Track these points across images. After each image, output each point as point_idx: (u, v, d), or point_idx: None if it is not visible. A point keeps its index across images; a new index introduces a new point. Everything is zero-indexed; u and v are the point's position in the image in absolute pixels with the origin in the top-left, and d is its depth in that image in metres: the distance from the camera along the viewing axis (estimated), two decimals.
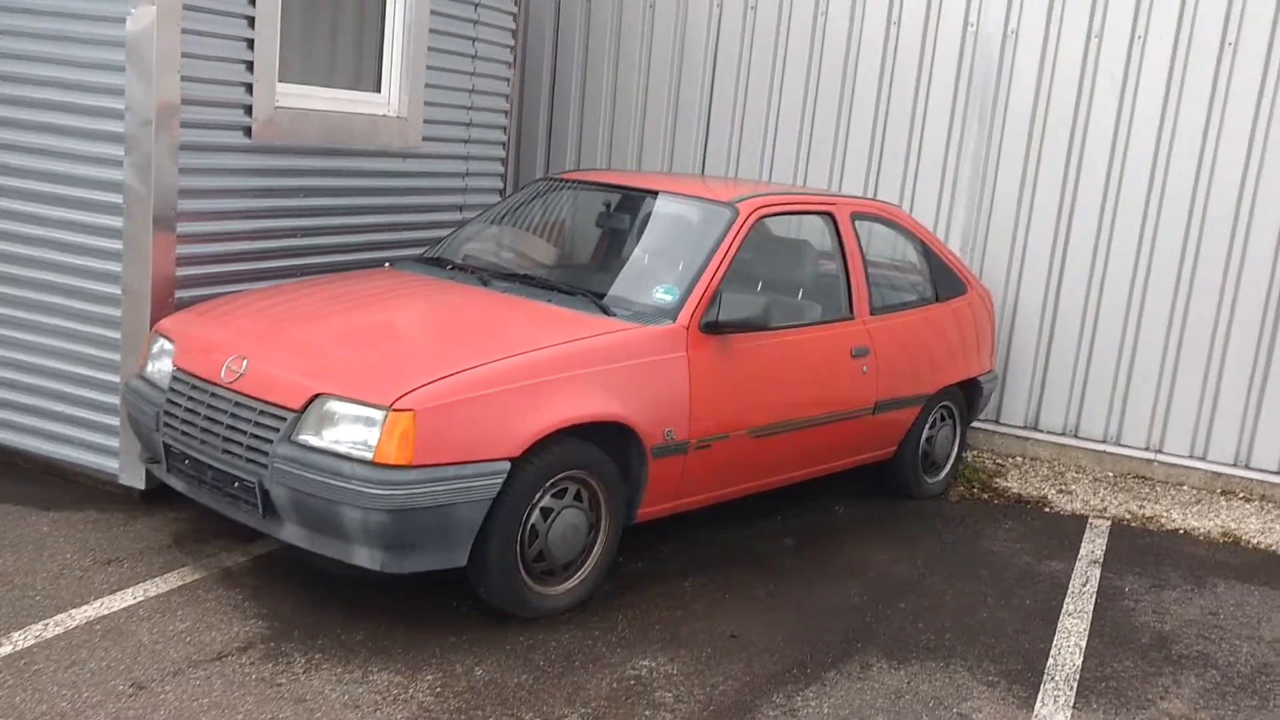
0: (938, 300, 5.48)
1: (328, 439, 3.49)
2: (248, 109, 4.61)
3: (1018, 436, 6.38)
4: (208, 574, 3.97)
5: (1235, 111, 5.74)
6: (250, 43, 4.56)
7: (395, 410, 3.41)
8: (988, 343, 5.81)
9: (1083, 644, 4.06)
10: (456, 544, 3.55)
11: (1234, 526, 5.49)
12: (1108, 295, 6.08)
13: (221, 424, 3.71)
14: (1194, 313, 5.93)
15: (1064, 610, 4.34)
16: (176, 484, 3.97)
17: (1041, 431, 6.33)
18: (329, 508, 3.44)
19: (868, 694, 3.56)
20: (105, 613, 3.61)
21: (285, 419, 3.56)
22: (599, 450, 3.87)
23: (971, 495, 5.68)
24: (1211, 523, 5.53)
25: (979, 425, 6.35)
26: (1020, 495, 5.71)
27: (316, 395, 3.54)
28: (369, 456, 3.41)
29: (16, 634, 3.43)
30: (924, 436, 5.44)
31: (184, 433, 3.83)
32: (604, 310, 4.20)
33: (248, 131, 4.64)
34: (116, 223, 4.34)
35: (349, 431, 3.47)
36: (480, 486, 3.49)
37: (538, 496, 3.71)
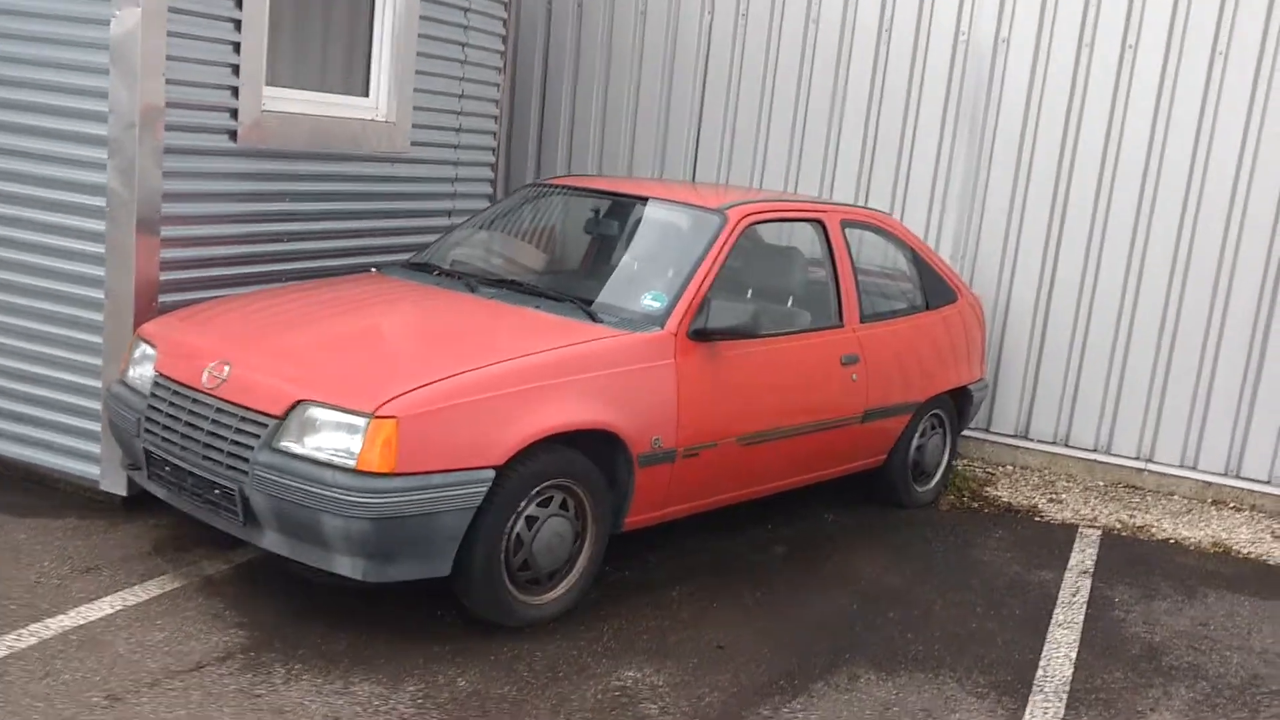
0: (928, 308, 5.45)
1: (310, 446, 3.45)
2: (233, 112, 4.58)
3: (1008, 445, 6.35)
4: (188, 582, 3.92)
5: (1225, 120, 5.73)
6: (236, 46, 4.52)
7: (378, 417, 3.37)
8: (978, 351, 5.79)
9: (1073, 655, 4.03)
10: (440, 553, 3.50)
11: (1224, 536, 5.47)
12: (1098, 304, 6.07)
13: (203, 430, 3.66)
14: (1185, 322, 5.92)
15: (1054, 621, 4.31)
16: (157, 490, 3.93)
17: (1032, 440, 6.31)
18: (310, 515, 3.40)
19: (855, 706, 3.52)
20: (82, 622, 3.55)
21: (267, 425, 3.52)
22: (585, 458, 3.83)
23: (962, 504, 5.65)
24: (1202, 533, 5.50)
25: (969, 434, 6.32)
26: (1010, 504, 5.68)
27: (299, 401, 3.50)
28: (351, 464, 3.37)
29: None
30: (914, 445, 5.41)
31: (165, 439, 3.79)
32: (591, 317, 4.16)
33: (233, 135, 4.60)
34: (99, 226, 4.30)
35: (331, 438, 3.43)
36: (464, 495, 3.45)
37: (523, 505, 3.67)
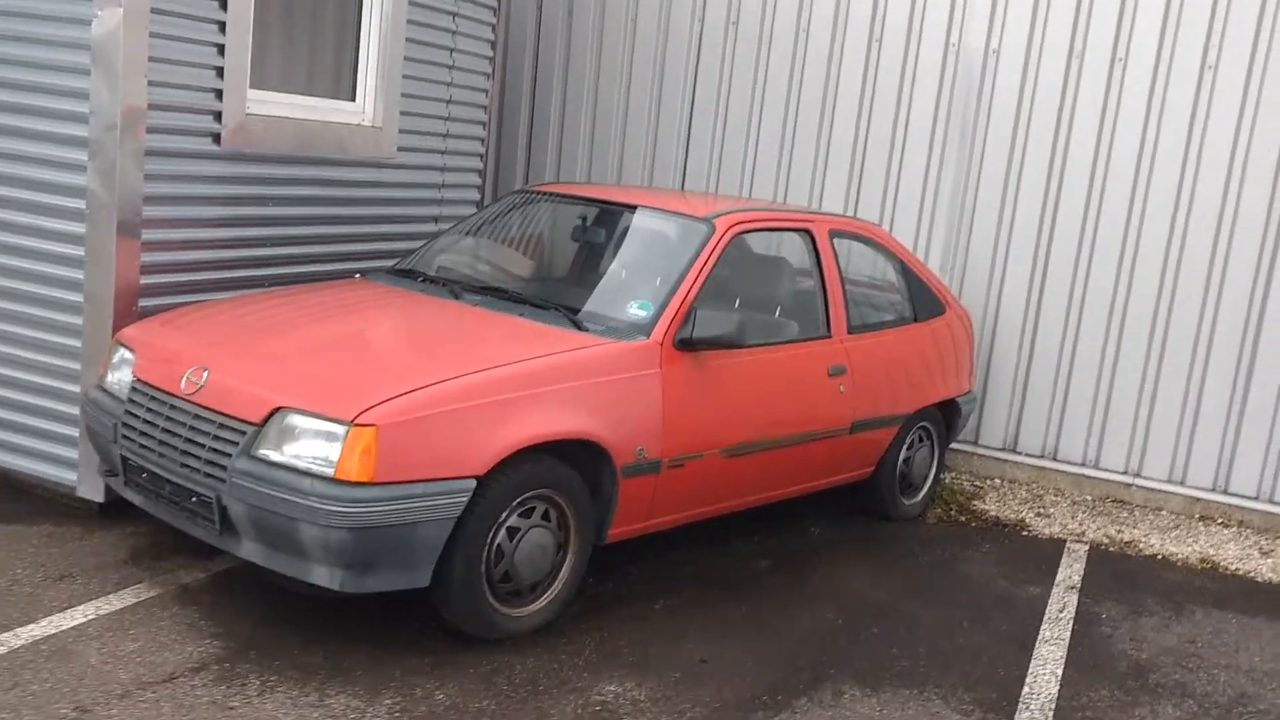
0: (916, 320, 5.42)
1: (288, 454, 3.40)
2: (217, 115, 4.53)
3: (996, 458, 6.33)
4: (164, 591, 3.86)
5: (1215, 134, 5.72)
6: (221, 48, 4.47)
7: (357, 425, 3.32)
8: (966, 363, 5.76)
9: (1059, 672, 3.99)
10: (419, 563, 3.45)
11: (1212, 552, 5.45)
12: (1087, 317, 6.05)
13: (180, 437, 3.61)
14: (1173, 336, 5.90)
15: (1040, 637, 4.27)
16: (134, 498, 3.87)
17: (1020, 454, 6.28)
18: (288, 525, 3.34)
19: None
20: (53, 631, 3.49)
21: (245, 433, 3.47)
22: (568, 468, 3.78)
23: (949, 517, 5.61)
24: (1190, 548, 5.48)
25: (957, 446, 6.29)
26: (998, 518, 5.65)
27: (277, 409, 3.45)
28: (330, 473, 3.32)
29: None
30: (901, 457, 5.37)
31: (142, 445, 3.73)
32: (577, 325, 4.12)
33: (217, 138, 4.55)
34: (79, 228, 4.24)
35: (310, 446, 3.38)
36: (444, 505, 3.40)
37: (504, 515, 3.62)
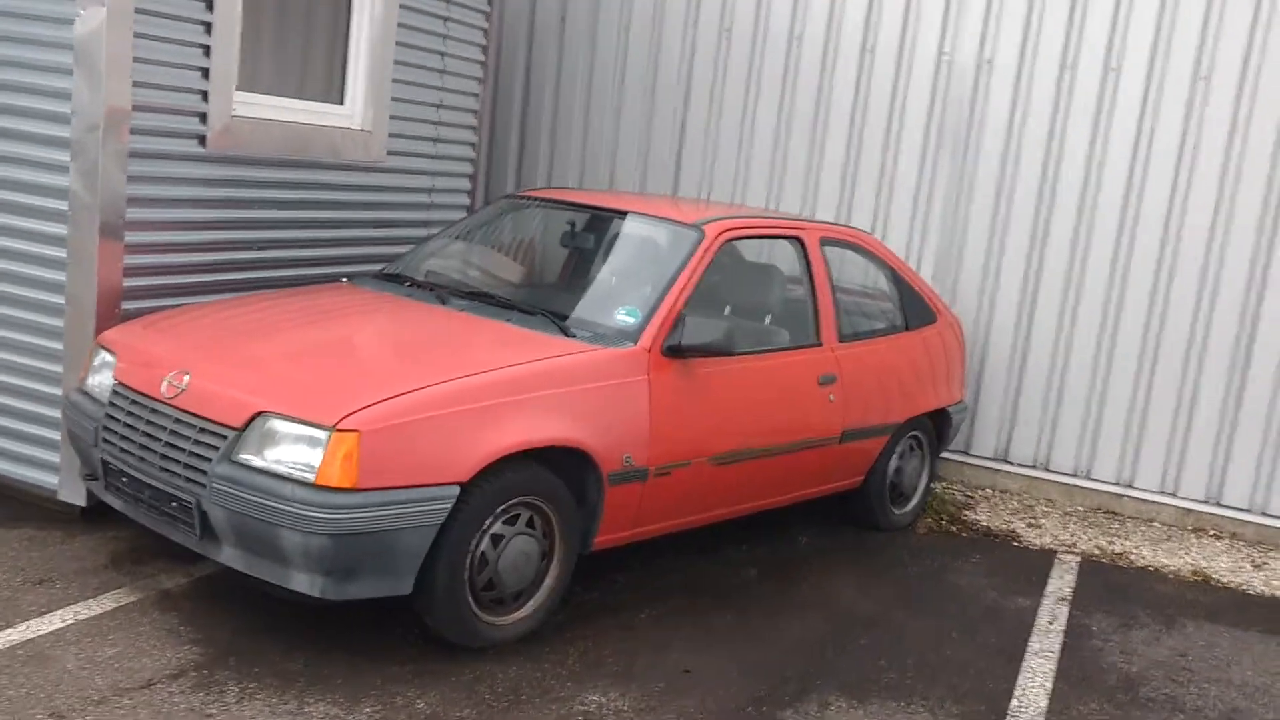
0: (908, 328, 5.39)
1: (269, 459, 3.35)
2: (203, 117, 4.49)
3: (987, 468, 6.29)
4: (144, 596, 3.81)
5: (1208, 144, 5.70)
6: (207, 49, 4.43)
7: (339, 430, 3.28)
8: (958, 372, 5.73)
9: (1048, 685, 3.95)
10: (401, 571, 3.41)
11: (1204, 565, 5.41)
12: (1080, 327, 6.02)
13: (160, 441, 3.56)
14: (1166, 346, 5.87)
15: (1030, 649, 4.23)
16: (114, 502, 3.82)
17: (1011, 464, 6.25)
18: (268, 530, 3.30)
19: None
20: (30, 636, 3.44)
21: (226, 437, 3.42)
22: (553, 476, 3.74)
23: (939, 527, 5.58)
24: (1181, 560, 5.44)
25: (948, 456, 6.25)
26: (989, 528, 5.61)
27: (259, 413, 3.41)
28: (311, 478, 3.27)
29: None
30: (892, 467, 5.34)
31: (122, 449, 3.68)
32: (564, 331, 4.08)
33: (202, 140, 4.51)
34: (61, 230, 4.20)
35: (291, 452, 3.33)
36: (427, 512, 3.36)
37: (488, 523, 3.58)
